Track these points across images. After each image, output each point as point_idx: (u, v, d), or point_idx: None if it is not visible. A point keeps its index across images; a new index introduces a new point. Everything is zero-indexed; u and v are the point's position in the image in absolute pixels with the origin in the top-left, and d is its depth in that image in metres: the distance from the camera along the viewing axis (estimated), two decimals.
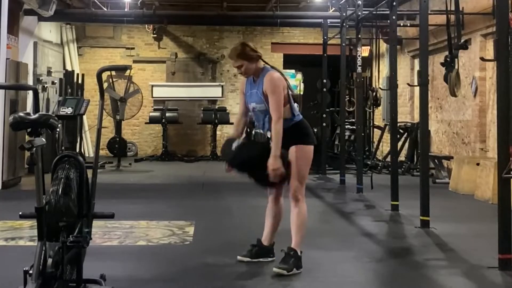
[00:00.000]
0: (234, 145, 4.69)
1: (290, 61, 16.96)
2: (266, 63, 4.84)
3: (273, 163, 4.51)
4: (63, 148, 11.54)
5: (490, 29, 9.75)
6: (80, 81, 13.96)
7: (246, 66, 4.73)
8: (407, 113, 13.79)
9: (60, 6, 12.69)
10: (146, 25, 16.06)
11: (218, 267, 4.83)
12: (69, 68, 15.07)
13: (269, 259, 4.87)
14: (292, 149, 4.66)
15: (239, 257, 4.91)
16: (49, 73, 13.32)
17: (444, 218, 7.02)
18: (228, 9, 14.38)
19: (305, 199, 4.77)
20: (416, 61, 12.94)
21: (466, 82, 10.48)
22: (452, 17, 8.66)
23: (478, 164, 9.00)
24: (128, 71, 13.44)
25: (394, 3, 7.81)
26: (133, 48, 16.47)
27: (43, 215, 3.41)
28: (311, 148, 4.75)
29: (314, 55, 14.83)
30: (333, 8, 12.70)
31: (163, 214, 7.25)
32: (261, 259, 4.87)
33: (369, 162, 12.41)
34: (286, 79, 4.77)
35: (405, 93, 13.92)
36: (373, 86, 13.93)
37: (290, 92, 4.74)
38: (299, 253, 4.65)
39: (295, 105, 4.80)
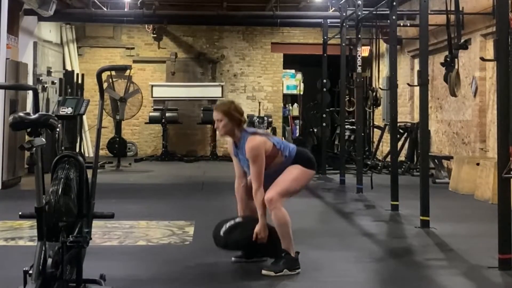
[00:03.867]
0: (223, 230, 4.76)
1: (290, 61, 16.96)
2: (245, 129, 4.76)
3: (260, 231, 4.60)
4: (63, 148, 11.53)
5: (490, 29, 9.75)
6: (80, 81, 13.95)
7: (225, 123, 4.69)
8: (407, 113, 13.79)
9: (60, 6, 12.68)
10: (146, 25, 16.05)
11: (218, 267, 4.83)
12: (69, 68, 15.06)
13: (263, 258, 4.88)
14: (293, 166, 4.69)
15: (233, 258, 4.92)
16: (49, 73, 13.31)
17: (444, 218, 7.02)
18: (228, 9, 14.39)
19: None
20: (416, 61, 12.93)
21: (466, 82, 10.48)
22: (452, 17, 8.65)
23: (478, 164, 9.00)
24: (128, 71, 13.42)
25: (394, 3, 7.82)
26: (133, 48, 16.46)
27: (43, 215, 3.41)
28: (309, 172, 4.75)
29: (314, 55, 14.83)
30: (333, 8, 12.70)
31: (163, 214, 7.25)
32: (255, 259, 4.88)
33: (369, 162, 12.41)
34: (267, 134, 4.75)
35: (405, 93, 13.92)
36: (373, 86, 13.90)
37: (274, 142, 4.70)
38: (292, 254, 4.64)
39: (285, 144, 4.77)
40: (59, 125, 10.41)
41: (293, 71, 17.22)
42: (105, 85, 10.81)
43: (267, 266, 4.66)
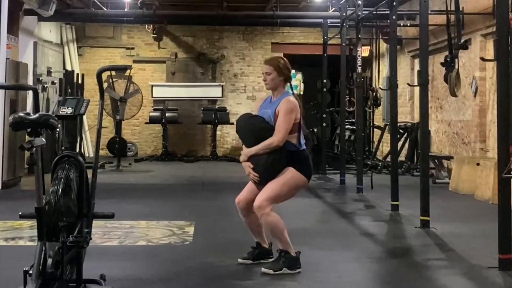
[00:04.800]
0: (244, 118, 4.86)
1: (290, 61, 16.76)
2: (292, 90, 4.87)
3: (245, 154, 4.64)
4: (63, 148, 11.53)
5: (490, 29, 9.75)
6: (80, 81, 13.95)
7: (273, 77, 4.75)
8: (407, 113, 13.79)
9: (60, 6, 12.68)
10: (146, 25, 16.06)
11: (218, 267, 4.83)
12: (69, 68, 15.06)
13: (269, 260, 4.87)
14: (286, 169, 4.62)
15: (240, 260, 4.90)
16: (49, 73, 13.31)
17: (444, 218, 7.02)
18: (228, 9, 14.38)
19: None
20: (416, 61, 12.93)
21: (466, 82, 10.47)
22: (452, 17, 8.66)
23: (478, 164, 9.00)
24: (128, 71, 13.44)
25: (394, 3, 7.82)
26: (133, 48, 16.46)
27: (43, 215, 3.41)
28: (303, 178, 4.65)
29: (314, 55, 14.82)
30: (333, 8, 12.71)
31: (163, 214, 7.25)
32: (261, 261, 4.87)
33: (369, 162, 12.41)
34: (301, 109, 4.74)
35: (405, 93, 13.91)
36: (373, 86, 13.92)
37: (302, 122, 4.70)
38: (292, 254, 4.63)
39: (303, 139, 4.75)
40: (59, 125, 10.39)
41: (293, 71, 17.19)
42: (105, 85, 10.82)
43: (267, 264, 4.66)
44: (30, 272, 3.27)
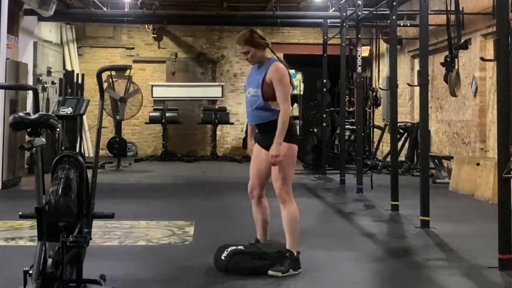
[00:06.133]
0: (224, 254, 4.69)
1: (290, 61, 16.74)
2: (274, 53, 4.82)
3: (275, 149, 4.47)
4: (63, 148, 11.52)
5: (490, 29, 9.76)
6: (80, 81, 13.95)
7: (253, 52, 4.71)
8: (407, 113, 13.79)
9: (60, 6, 12.69)
10: (146, 25, 16.06)
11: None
12: (69, 68, 15.06)
13: None
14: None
15: None
16: (49, 73, 13.30)
17: (444, 218, 7.02)
18: (228, 9, 14.39)
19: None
20: (416, 61, 12.93)
21: (466, 82, 10.48)
22: (452, 17, 8.66)
23: (478, 164, 9.00)
24: (128, 71, 13.42)
25: (394, 3, 7.82)
26: (133, 48, 16.47)
27: (43, 215, 3.41)
28: (293, 146, 4.63)
29: (314, 55, 14.83)
30: (333, 8, 12.71)
31: (163, 214, 7.25)
32: None
33: (369, 162, 12.41)
34: (289, 74, 4.70)
35: (405, 93, 13.92)
36: (373, 86, 13.91)
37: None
38: (295, 254, 4.64)
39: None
40: (59, 125, 10.39)
41: (293, 71, 17.19)
42: (105, 85, 10.81)
43: (274, 267, 4.61)
44: (30, 272, 3.27)
